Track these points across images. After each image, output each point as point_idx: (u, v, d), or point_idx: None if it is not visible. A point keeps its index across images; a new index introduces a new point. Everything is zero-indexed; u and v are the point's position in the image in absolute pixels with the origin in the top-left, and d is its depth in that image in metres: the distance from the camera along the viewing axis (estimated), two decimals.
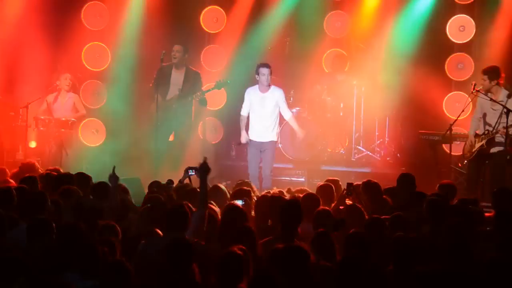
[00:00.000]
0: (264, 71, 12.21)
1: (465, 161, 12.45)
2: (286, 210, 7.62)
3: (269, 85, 12.36)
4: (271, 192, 9.29)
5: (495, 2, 14.39)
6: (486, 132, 11.74)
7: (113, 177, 8.44)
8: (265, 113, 12.32)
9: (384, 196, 9.03)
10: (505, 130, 11.39)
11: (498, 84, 11.75)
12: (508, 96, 11.60)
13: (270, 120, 12.32)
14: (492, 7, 14.41)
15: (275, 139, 12.47)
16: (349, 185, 8.84)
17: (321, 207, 8.21)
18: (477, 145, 11.80)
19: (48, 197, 8.08)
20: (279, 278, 5.99)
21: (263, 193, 9.25)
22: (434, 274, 5.89)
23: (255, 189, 9.63)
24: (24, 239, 7.14)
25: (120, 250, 6.84)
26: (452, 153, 12.75)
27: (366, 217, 8.02)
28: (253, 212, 8.48)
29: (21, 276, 5.96)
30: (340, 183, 9.76)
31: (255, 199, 8.88)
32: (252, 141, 12.41)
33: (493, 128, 11.63)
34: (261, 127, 12.34)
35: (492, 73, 11.78)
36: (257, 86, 12.41)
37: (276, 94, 12.35)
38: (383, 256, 6.80)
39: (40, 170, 10.56)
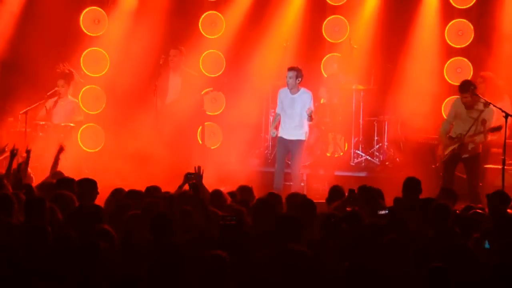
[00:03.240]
0: (289, 73, 12.34)
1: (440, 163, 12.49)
2: (280, 224, 7.34)
3: (298, 87, 12.44)
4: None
5: (493, 7, 14.47)
6: (459, 135, 11.98)
7: None
8: (293, 114, 12.51)
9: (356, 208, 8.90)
10: (472, 139, 11.85)
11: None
12: (485, 106, 11.86)
13: (297, 119, 12.50)
14: (491, 11, 14.49)
15: (303, 137, 12.62)
16: (351, 191, 8.83)
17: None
18: (450, 148, 12.05)
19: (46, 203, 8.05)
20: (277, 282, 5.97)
21: (258, 198, 9.14)
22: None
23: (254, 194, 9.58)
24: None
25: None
26: None
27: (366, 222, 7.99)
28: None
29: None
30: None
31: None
32: (280, 137, 12.69)
33: (466, 132, 11.89)
34: (289, 126, 12.57)
35: (470, 87, 11.93)
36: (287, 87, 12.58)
37: (304, 97, 12.45)
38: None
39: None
